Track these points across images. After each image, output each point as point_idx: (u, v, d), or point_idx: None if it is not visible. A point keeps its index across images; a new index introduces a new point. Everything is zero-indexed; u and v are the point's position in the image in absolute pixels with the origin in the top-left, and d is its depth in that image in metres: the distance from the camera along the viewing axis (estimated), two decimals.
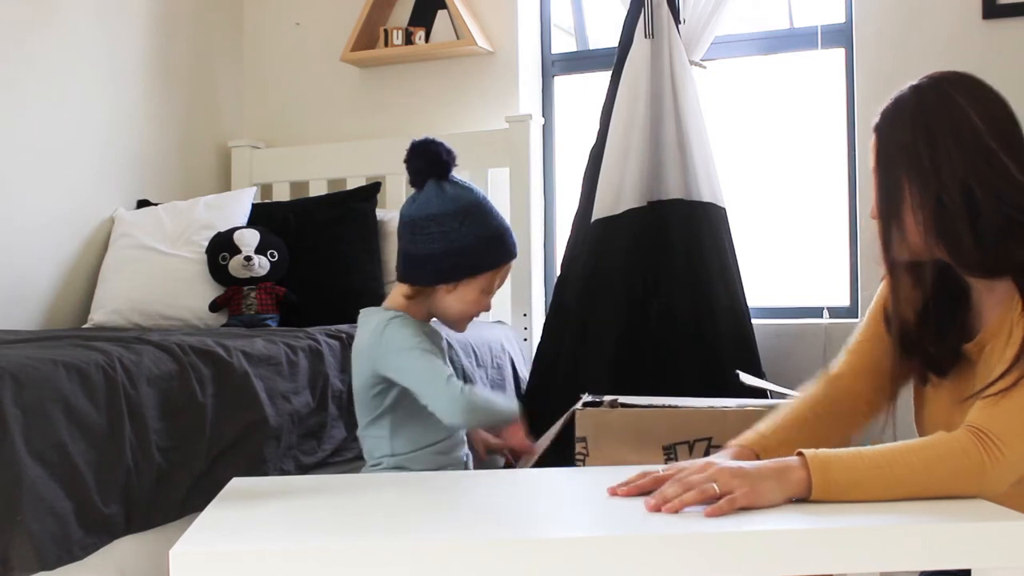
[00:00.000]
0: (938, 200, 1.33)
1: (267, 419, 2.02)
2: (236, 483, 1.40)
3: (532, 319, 3.09)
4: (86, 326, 2.90)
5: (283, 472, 2.06)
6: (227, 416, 1.95)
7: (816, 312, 2.94)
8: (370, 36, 3.41)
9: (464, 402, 1.67)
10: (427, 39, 3.34)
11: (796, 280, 3.10)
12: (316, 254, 2.96)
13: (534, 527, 1.20)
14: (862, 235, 2.89)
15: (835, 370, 1.57)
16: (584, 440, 1.84)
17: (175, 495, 1.81)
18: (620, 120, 2.80)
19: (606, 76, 2.89)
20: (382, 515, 1.21)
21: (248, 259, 2.83)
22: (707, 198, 2.77)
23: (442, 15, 3.33)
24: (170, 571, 1.03)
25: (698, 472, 1.23)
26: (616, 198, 2.77)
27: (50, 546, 1.54)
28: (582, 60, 3.44)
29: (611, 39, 3.18)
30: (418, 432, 1.74)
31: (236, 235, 2.88)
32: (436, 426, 1.72)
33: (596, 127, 2.87)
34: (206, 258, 2.89)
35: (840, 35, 3.00)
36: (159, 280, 2.89)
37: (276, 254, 2.90)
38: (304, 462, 2.12)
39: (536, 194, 3.23)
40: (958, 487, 1.24)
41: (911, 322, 1.45)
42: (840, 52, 3.02)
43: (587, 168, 2.87)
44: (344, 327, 2.40)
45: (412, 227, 1.75)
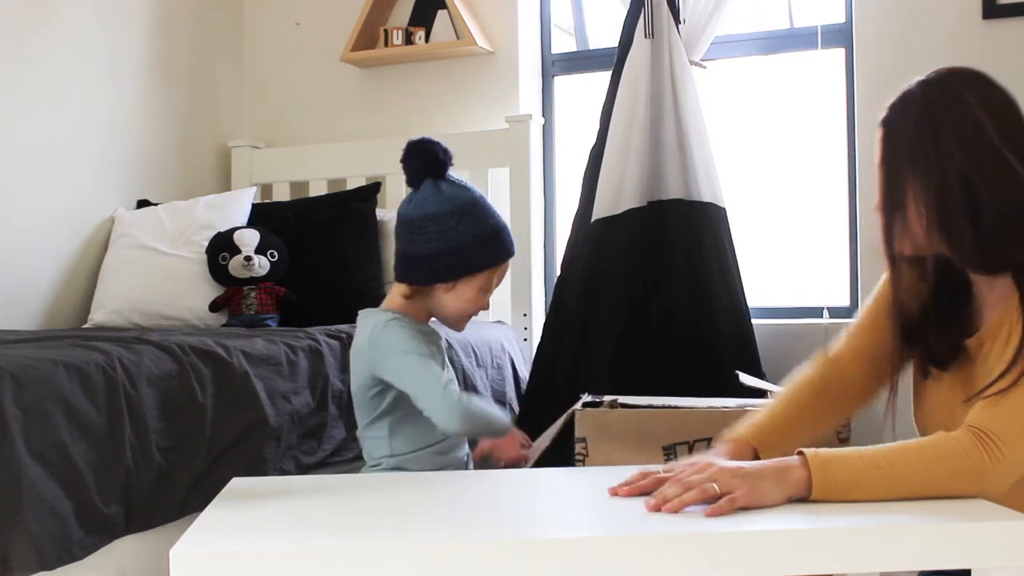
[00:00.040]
0: (940, 195, 1.34)
1: (267, 419, 2.02)
2: (236, 483, 1.40)
3: (532, 319, 3.09)
4: (86, 326, 2.90)
5: (283, 472, 2.06)
6: (227, 416, 1.95)
7: (816, 312, 2.94)
8: (370, 36, 3.41)
9: (460, 409, 1.67)
10: (427, 39, 3.34)
11: (796, 280, 3.10)
12: (316, 254, 2.96)
13: (534, 527, 1.20)
14: (862, 235, 2.89)
15: (834, 352, 1.58)
16: (584, 440, 1.84)
17: (175, 495, 1.81)
18: (620, 120, 2.80)
19: (606, 76, 2.89)
20: (382, 515, 1.21)
21: (248, 259, 2.83)
22: (707, 198, 2.77)
23: (442, 15, 3.33)
24: (170, 571, 1.03)
25: (698, 472, 1.23)
26: (616, 198, 2.77)
27: (50, 546, 1.54)
28: (582, 60, 3.44)
29: (611, 39, 3.18)
30: (417, 433, 1.74)
31: (236, 235, 2.88)
32: (435, 427, 1.72)
33: (596, 127, 2.87)
34: (206, 258, 2.89)
35: (840, 35, 3.00)
36: (159, 280, 2.89)
37: (276, 254, 2.90)
38: (304, 462, 2.12)
39: (536, 194, 3.23)
40: (959, 487, 1.24)
41: (913, 315, 1.45)
42: (840, 52, 3.02)
43: (587, 168, 2.86)
44: (344, 327, 2.40)
45: (409, 227, 1.75)
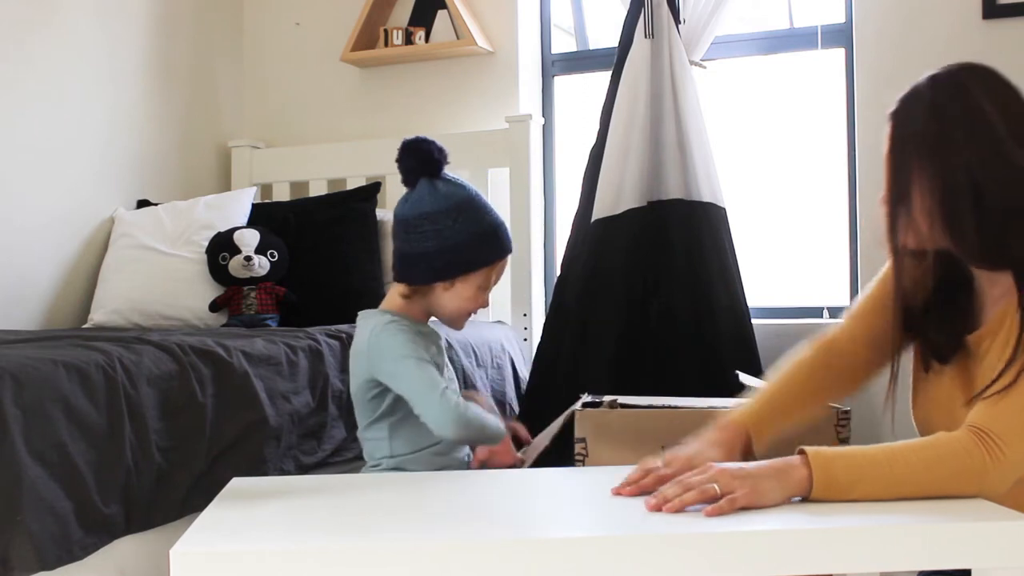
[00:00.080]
0: (946, 188, 1.34)
1: (267, 419, 2.02)
2: (236, 483, 1.40)
3: (532, 319, 3.09)
4: (86, 326, 2.90)
5: (283, 472, 2.06)
6: (227, 416, 1.95)
7: (816, 312, 2.94)
8: (370, 36, 3.41)
9: (456, 415, 1.67)
10: (427, 39, 3.34)
11: (796, 280, 3.10)
12: (316, 254, 2.96)
13: (534, 527, 1.20)
14: (862, 235, 2.89)
15: (832, 334, 1.59)
16: (584, 440, 1.84)
17: (175, 495, 1.81)
18: (620, 120, 2.80)
19: (606, 76, 2.89)
20: (382, 515, 1.21)
21: (248, 259, 2.83)
22: (707, 198, 2.77)
23: (442, 15, 3.33)
24: (170, 571, 1.03)
25: (699, 473, 1.24)
26: (616, 198, 2.77)
27: (50, 546, 1.54)
28: (582, 60, 3.44)
29: (611, 39, 3.18)
30: (417, 434, 1.73)
31: (236, 235, 2.88)
32: None
33: (596, 127, 2.87)
34: (206, 258, 2.89)
35: (840, 35, 3.00)
36: (159, 280, 2.89)
37: (276, 254, 2.90)
38: (304, 462, 2.12)
39: (536, 194, 3.23)
40: (959, 487, 1.24)
41: (915, 307, 1.46)
42: (840, 52, 3.02)
43: (587, 168, 2.86)
44: (344, 327, 2.40)
45: (406, 226, 1.75)
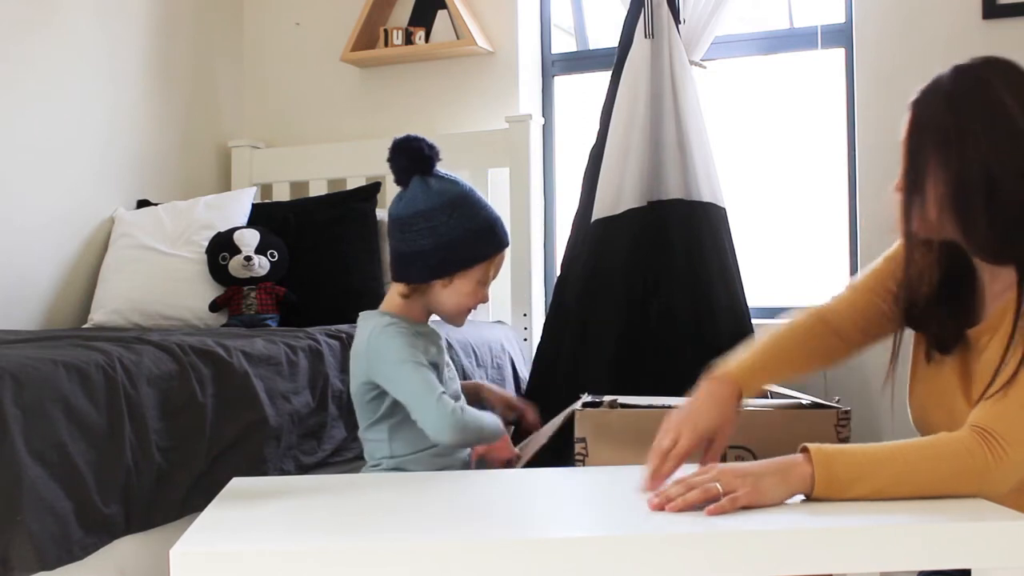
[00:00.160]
0: (959, 180, 1.34)
1: (267, 419, 2.02)
2: (236, 483, 1.40)
3: (532, 319, 3.09)
4: (86, 326, 2.90)
5: (283, 472, 2.05)
6: (227, 416, 1.95)
7: None
8: (370, 36, 3.41)
9: (453, 421, 1.66)
10: (427, 39, 3.34)
11: (796, 280, 3.10)
12: (316, 254, 2.96)
13: (534, 527, 1.20)
14: (862, 235, 2.89)
15: (828, 305, 1.62)
16: (584, 440, 1.84)
17: (175, 495, 1.81)
18: (620, 120, 2.80)
19: (606, 76, 2.89)
20: (382, 515, 1.21)
21: (248, 259, 2.83)
22: (707, 198, 2.77)
23: (442, 15, 3.33)
24: (170, 571, 1.03)
25: (702, 472, 1.24)
26: (616, 198, 2.77)
27: (50, 546, 1.54)
28: (582, 60, 3.44)
29: (611, 39, 3.18)
30: (417, 435, 1.73)
31: (236, 235, 2.88)
32: None
33: (596, 127, 2.87)
34: (206, 258, 2.89)
35: (840, 35, 3.00)
36: (159, 280, 2.89)
37: (276, 254, 2.90)
38: (304, 462, 2.12)
39: (536, 194, 3.23)
40: (961, 486, 1.24)
41: (919, 296, 1.46)
42: (840, 52, 3.02)
43: (587, 168, 2.86)
44: (344, 327, 2.40)
45: (401, 225, 1.75)
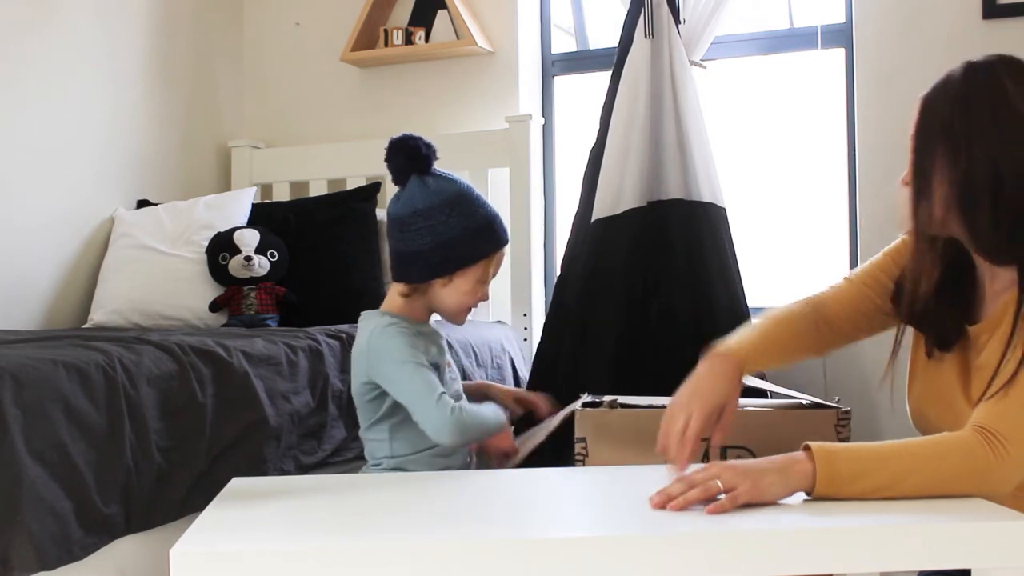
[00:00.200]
0: (966, 177, 1.35)
1: (267, 419, 2.02)
2: (236, 483, 1.41)
3: (532, 319, 3.09)
4: (86, 326, 2.90)
5: (283, 472, 2.06)
6: (227, 416, 1.95)
7: None
8: (370, 36, 3.41)
9: (453, 423, 1.66)
10: (427, 39, 3.34)
11: (796, 280, 3.10)
12: (316, 254, 2.95)
13: (534, 527, 1.20)
14: (862, 235, 2.89)
15: (824, 294, 1.64)
16: (584, 440, 1.84)
17: (175, 495, 1.81)
18: (620, 120, 2.80)
19: (606, 76, 2.89)
20: (382, 515, 1.21)
21: (248, 259, 2.83)
22: (707, 198, 2.77)
23: (442, 15, 3.33)
24: (170, 571, 1.03)
25: (702, 470, 1.24)
26: (616, 198, 2.76)
27: (50, 546, 1.54)
28: (582, 60, 3.44)
29: (611, 39, 3.18)
30: (418, 435, 1.73)
31: (236, 235, 2.88)
32: None
33: (596, 127, 2.87)
34: (206, 258, 2.89)
35: (840, 35, 3.00)
36: (159, 280, 2.89)
37: (276, 254, 2.90)
38: (304, 462, 2.12)
39: (536, 194, 3.23)
40: (963, 485, 1.24)
41: (921, 291, 1.46)
42: (840, 52, 3.02)
43: (587, 168, 2.86)
44: (344, 327, 2.40)
45: (400, 225, 1.74)
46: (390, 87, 3.50)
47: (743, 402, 1.99)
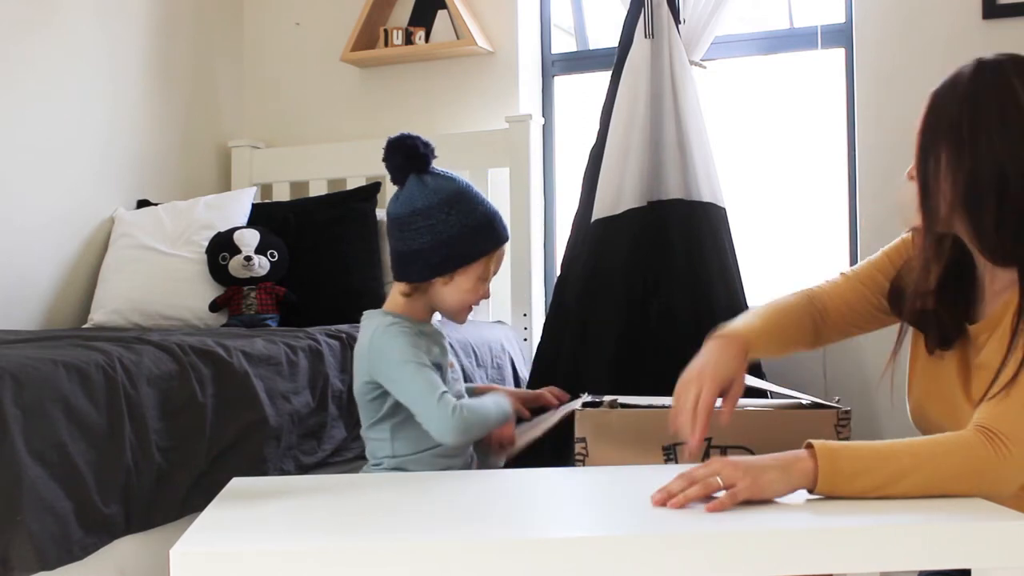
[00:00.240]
0: (970, 176, 1.34)
1: (267, 419, 2.02)
2: (236, 483, 1.40)
3: (532, 319, 3.09)
4: (86, 326, 2.90)
5: (283, 472, 2.06)
6: (227, 416, 1.95)
7: None
8: (370, 36, 3.41)
9: (456, 422, 1.66)
10: (427, 39, 3.34)
11: (796, 280, 3.10)
12: (316, 254, 2.96)
13: (534, 527, 1.20)
14: (862, 235, 2.89)
15: (818, 288, 1.66)
16: (584, 440, 1.84)
17: (175, 495, 1.81)
18: (620, 120, 2.80)
19: (606, 76, 2.89)
20: (382, 515, 1.21)
21: (248, 259, 2.83)
22: (707, 198, 2.77)
23: (442, 15, 3.33)
24: (170, 571, 1.03)
25: (704, 466, 1.24)
26: (616, 198, 2.76)
27: (50, 546, 1.54)
28: (582, 60, 3.44)
29: (611, 39, 3.18)
30: (419, 435, 1.73)
31: (236, 235, 2.88)
32: None
33: (596, 127, 2.87)
34: (206, 258, 2.89)
35: (840, 35, 3.00)
36: (159, 280, 2.89)
37: (276, 254, 2.90)
38: (304, 462, 2.12)
39: (536, 194, 3.23)
40: (965, 484, 1.24)
41: (925, 291, 1.46)
42: (840, 52, 3.02)
43: (587, 168, 2.86)
44: (344, 327, 2.40)
45: (399, 224, 1.74)
46: (390, 87, 3.50)
47: (743, 402, 1.99)
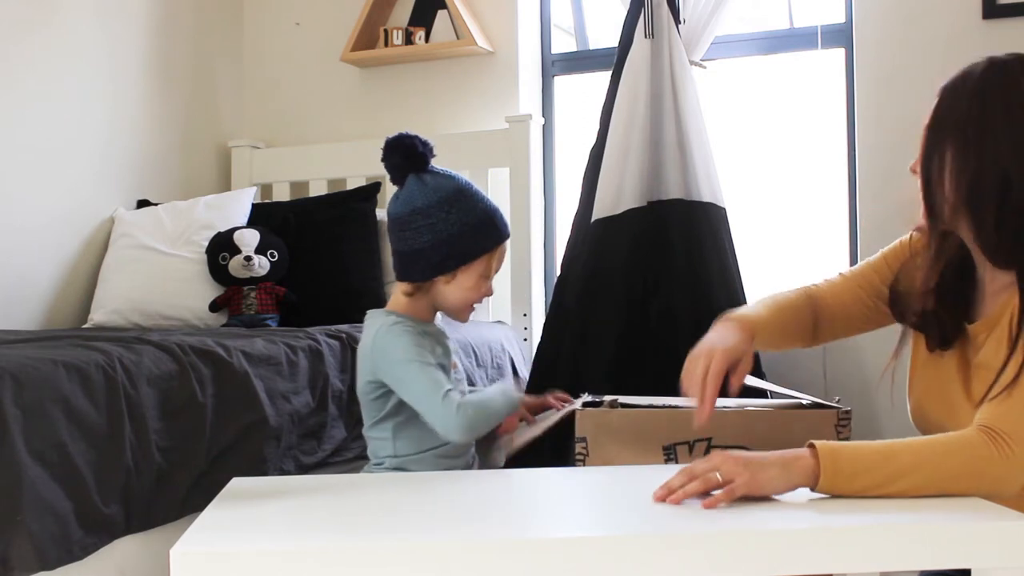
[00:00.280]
0: (974, 175, 1.34)
1: (267, 419, 2.02)
2: (236, 483, 1.40)
3: (532, 319, 3.09)
4: (86, 326, 2.90)
5: (283, 472, 2.06)
6: (227, 416, 1.95)
7: None
8: (370, 36, 3.41)
9: (461, 419, 1.65)
10: (427, 39, 3.34)
11: (796, 280, 3.10)
12: (316, 254, 2.96)
13: (534, 527, 1.20)
14: (862, 235, 2.89)
15: (817, 287, 1.68)
16: (584, 440, 1.84)
17: (175, 495, 1.81)
18: (620, 120, 2.80)
19: (606, 76, 2.89)
20: (382, 515, 1.21)
21: (248, 259, 2.83)
22: (707, 198, 2.77)
23: (442, 15, 3.33)
24: (170, 571, 1.03)
25: (704, 461, 1.24)
26: (616, 198, 2.76)
27: (50, 546, 1.54)
28: (582, 60, 3.44)
29: (611, 39, 3.18)
30: (422, 435, 1.73)
31: (236, 235, 2.88)
32: None
33: (596, 127, 2.87)
34: (206, 258, 2.89)
35: (840, 35, 3.00)
36: (159, 280, 2.89)
37: (276, 254, 2.90)
38: (304, 462, 2.12)
39: (536, 194, 3.23)
40: (967, 483, 1.24)
41: (926, 289, 1.46)
42: (840, 52, 3.02)
43: (587, 168, 2.86)
44: (344, 327, 2.40)
45: (400, 224, 1.74)
46: (390, 87, 3.50)
47: (743, 402, 1.99)
